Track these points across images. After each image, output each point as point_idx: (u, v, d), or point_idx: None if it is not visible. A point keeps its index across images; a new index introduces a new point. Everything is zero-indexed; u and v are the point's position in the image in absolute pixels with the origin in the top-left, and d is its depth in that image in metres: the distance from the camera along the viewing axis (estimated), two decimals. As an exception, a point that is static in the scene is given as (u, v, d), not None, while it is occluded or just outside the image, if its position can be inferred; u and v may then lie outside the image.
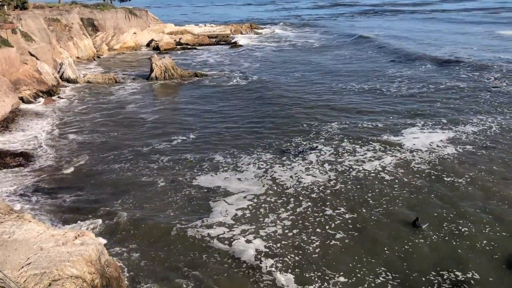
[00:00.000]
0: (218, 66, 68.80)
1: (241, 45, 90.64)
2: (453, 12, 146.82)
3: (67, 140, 36.81)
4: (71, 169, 30.76)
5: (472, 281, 18.53)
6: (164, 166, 31.09)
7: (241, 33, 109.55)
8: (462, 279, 18.70)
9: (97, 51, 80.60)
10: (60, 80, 56.59)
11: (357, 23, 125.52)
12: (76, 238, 16.58)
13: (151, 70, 60.75)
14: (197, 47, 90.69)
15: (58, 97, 50.69)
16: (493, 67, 58.36)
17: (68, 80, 58.01)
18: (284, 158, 31.68)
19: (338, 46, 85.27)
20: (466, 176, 27.88)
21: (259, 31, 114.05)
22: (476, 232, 21.93)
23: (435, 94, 47.15)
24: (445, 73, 56.15)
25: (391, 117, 40.00)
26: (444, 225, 22.64)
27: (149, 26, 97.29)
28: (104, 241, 18.36)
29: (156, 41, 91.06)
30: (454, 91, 47.93)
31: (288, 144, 34.33)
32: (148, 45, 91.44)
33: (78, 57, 73.84)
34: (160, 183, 28.45)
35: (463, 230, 22.10)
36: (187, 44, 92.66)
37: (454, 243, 21.17)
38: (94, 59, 76.33)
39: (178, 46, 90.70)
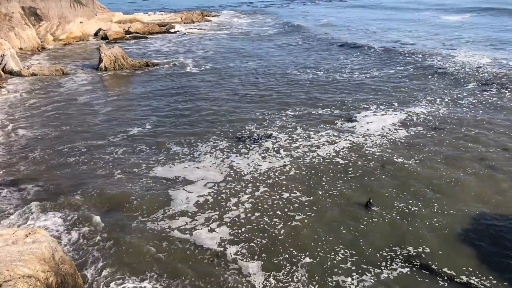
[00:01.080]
0: (170, 55, 67.92)
1: (192, 33, 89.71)
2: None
3: (17, 135, 35.38)
4: (25, 165, 29.71)
5: (423, 255, 19.72)
6: (119, 158, 30.70)
7: (192, 21, 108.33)
8: (414, 253, 19.87)
9: (41, 42, 77.35)
10: (2, 73, 54.03)
11: (309, 9, 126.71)
12: (27, 236, 16.17)
13: (100, 60, 59.11)
14: (148, 36, 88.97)
15: (3, 90, 48.46)
16: (437, 51, 60.89)
17: (11, 73, 55.44)
18: (240, 146, 32.02)
19: (289, 33, 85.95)
20: (415, 157, 29.24)
21: (211, 18, 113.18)
22: (425, 210, 23.21)
23: (385, 79, 48.80)
24: (393, 59, 58.03)
25: (345, 102, 41.14)
26: (395, 204, 23.78)
27: (96, 15, 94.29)
28: (62, 237, 18.01)
29: (104, 30, 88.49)
30: (404, 75, 49.74)
31: (243, 131, 34.65)
32: (96, 34, 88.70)
33: (21, 48, 70.64)
34: (117, 175, 28.13)
35: (413, 209, 23.32)
36: (137, 33, 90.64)
37: (405, 221, 22.35)
38: (39, 50, 73.22)
39: (128, 35, 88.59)
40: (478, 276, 18.36)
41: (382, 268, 19.06)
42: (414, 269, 18.91)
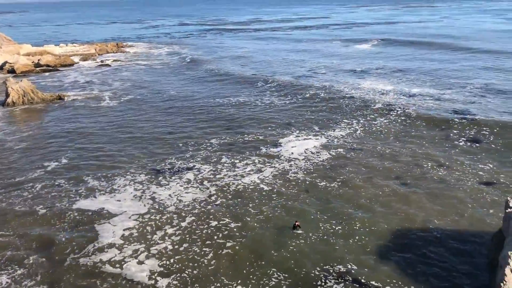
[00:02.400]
0: (86, 87, 65.57)
1: (108, 65, 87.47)
2: (313, 29, 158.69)
3: None
4: None
5: (352, 271, 20.39)
6: (39, 194, 29.38)
7: (107, 52, 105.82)
8: (344, 270, 20.50)
9: None
10: None
11: (225, 39, 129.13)
12: None
13: (7, 95, 55.53)
14: (60, 68, 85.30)
15: None
16: (347, 79, 64.48)
17: None
18: (160, 178, 31.51)
19: (209, 62, 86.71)
20: (337, 179, 30.37)
21: (127, 49, 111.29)
22: (349, 228, 24.08)
23: (304, 106, 50.45)
24: (308, 87, 60.22)
25: (268, 129, 41.95)
26: (320, 225, 24.46)
27: (0, 48, 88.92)
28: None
29: (10, 63, 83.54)
30: (320, 101, 51.75)
31: (163, 164, 34.06)
32: (1, 68, 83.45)
33: None
34: (40, 210, 27.01)
35: (337, 228, 24.11)
36: (48, 66, 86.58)
37: (332, 240, 23.03)
38: None
39: (38, 68, 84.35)
40: (402, 286, 19.19)
41: (318, 287, 19.37)
42: (347, 283, 19.52)
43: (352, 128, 41.23)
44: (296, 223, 24.06)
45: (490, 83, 57.06)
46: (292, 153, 35.52)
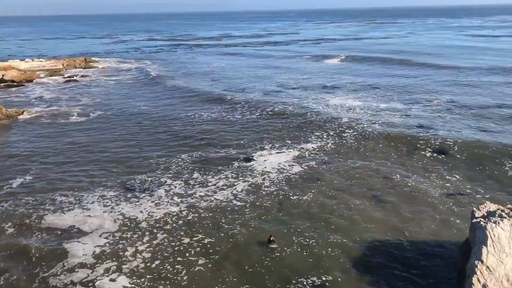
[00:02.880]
0: (52, 103, 64.20)
1: (76, 80, 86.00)
2: (283, 44, 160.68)
3: None
4: None
5: (327, 283, 20.47)
6: (5, 211, 28.67)
7: (75, 67, 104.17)
8: (319, 282, 20.54)
9: None
10: None
11: (196, 55, 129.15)
12: None
13: (-30, 111, 53.79)
14: (25, 84, 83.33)
15: None
16: (315, 95, 65.44)
17: None
18: (130, 195, 30.97)
19: (179, 78, 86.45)
20: (309, 192, 30.57)
21: (95, 64, 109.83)
22: (322, 241, 24.20)
23: (275, 120, 50.68)
24: (279, 101, 60.59)
25: (241, 143, 41.98)
26: (294, 238, 24.49)
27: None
28: None
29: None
30: (289, 115, 52.10)
31: (133, 181, 33.50)
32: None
33: None
34: (8, 229, 26.34)
35: (311, 241, 24.17)
36: (13, 81, 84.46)
37: (305, 253, 23.09)
38: None
39: (2, 84, 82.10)
40: (376, 299, 19.43)
41: (291, 302, 19.34)
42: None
43: (322, 142, 41.72)
44: (271, 238, 24.02)
45: (455, 99, 58.91)
46: (265, 167, 35.62)
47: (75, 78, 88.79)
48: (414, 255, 22.66)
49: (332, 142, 41.75)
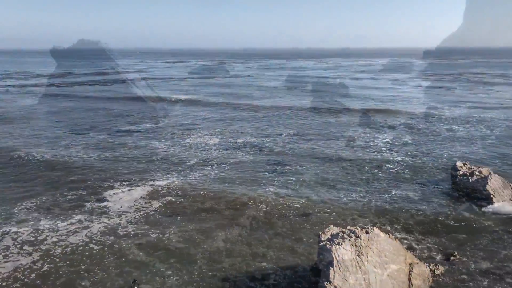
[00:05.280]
0: None
1: None
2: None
3: None
4: None
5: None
6: None
7: None
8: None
9: None
10: None
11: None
12: None
13: None
14: None
15: None
16: (175, 131, 66.19)
17: None
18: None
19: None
20: (170, 228, 30.99)
21: None
22: (189, 277, 24.71)
23: (119, 156, 49.92)
24: (127, 142, 59.70)
25: (88, 183, 40.45)
26: (158, 279, 24.53)
27: None
28: None
29: None
30: (133, 148, 51.58)
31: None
32: None
33: None
34: None
35: (175, 278, 24.54)
36: None
37: (172, 292, 23.46)
38: None
39: None
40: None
41: None
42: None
43: (172, 179, 41.95)
44: (135, 281, 23.90)
45: (300, 131, 64.41)
46: (121, 206, 35.13)
47: None
48: (272, 281, 24.45)
49: (181, 179, 42.45)
